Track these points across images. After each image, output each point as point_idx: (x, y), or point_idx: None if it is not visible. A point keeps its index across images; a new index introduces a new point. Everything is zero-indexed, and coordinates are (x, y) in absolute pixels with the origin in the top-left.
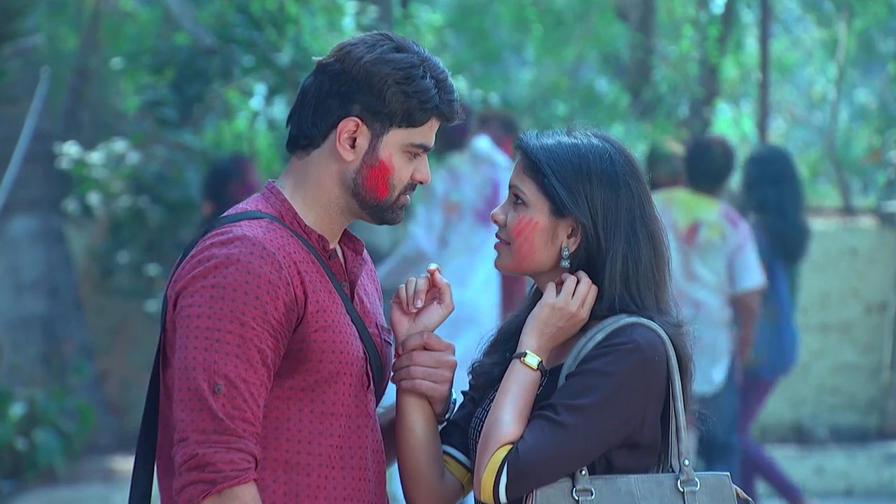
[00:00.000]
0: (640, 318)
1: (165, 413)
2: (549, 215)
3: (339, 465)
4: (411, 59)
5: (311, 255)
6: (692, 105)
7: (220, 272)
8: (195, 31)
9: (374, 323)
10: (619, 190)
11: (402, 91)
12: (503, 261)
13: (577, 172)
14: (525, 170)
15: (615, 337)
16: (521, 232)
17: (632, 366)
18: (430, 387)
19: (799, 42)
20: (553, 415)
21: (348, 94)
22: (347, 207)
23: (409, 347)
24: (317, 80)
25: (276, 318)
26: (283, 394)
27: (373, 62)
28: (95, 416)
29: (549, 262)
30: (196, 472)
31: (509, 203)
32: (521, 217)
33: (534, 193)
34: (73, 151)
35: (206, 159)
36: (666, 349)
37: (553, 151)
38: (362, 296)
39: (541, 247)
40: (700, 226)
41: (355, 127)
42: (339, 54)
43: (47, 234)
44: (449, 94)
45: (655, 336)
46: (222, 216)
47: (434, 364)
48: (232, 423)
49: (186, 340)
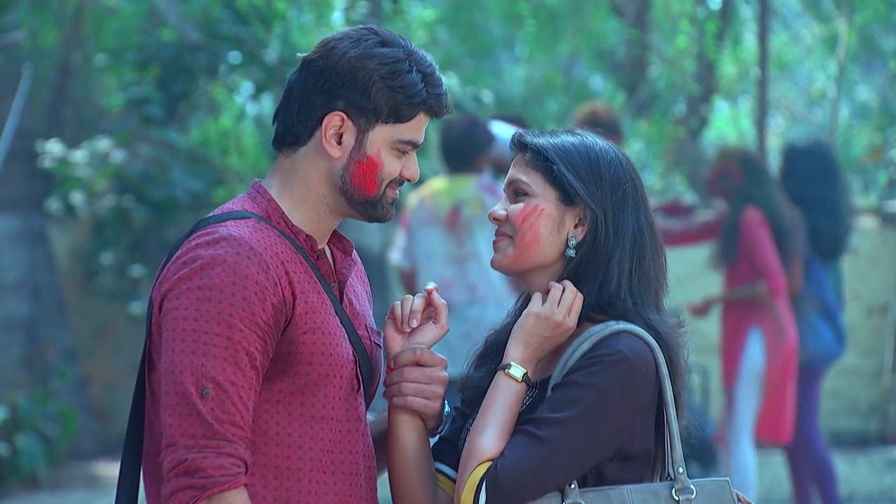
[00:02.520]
0: (628, 324)
1: (151, 418)
2: (556, 203)
3: (330, 469)
4: (397, 53)
5: (299, 255)
6: (689, 103)
7: (206, 273)
8: (180, 26)
9: (364, 325)
10: (626, 184)
11: (387, 86)
12: (502, 256)
13: (587, 162)
14: (530, 162)
15: (601, 347)
16: (526, 218)
17: (617, 377)
18: (422, 403)
19: (798, 38)
20: (534, 429)
21: (332, 90)
22: (336, 206)
23: (401, 362)
24: (301, 77)
25: (264, 319)
26: (272, 397)
27: (357, 57)
28: (79, 421)
29: (553, 254)
30: (185, 477)
31: (508, 200)
32: (525, 204)
33: (539, 184)
34: (55, 150)
35: (191, 158)
36: (655, 357)
37: (560, 144)
38: (351, 297)
39: (546, 235)
40: (461, 206)
41: (340, 122)
42: (323, 50)
43: (29, 234)
44: (437, 89)
45: (643, 344)
46: (207, 216)
47: (426, 380)
48: (221, 428)
49: (173, 343)
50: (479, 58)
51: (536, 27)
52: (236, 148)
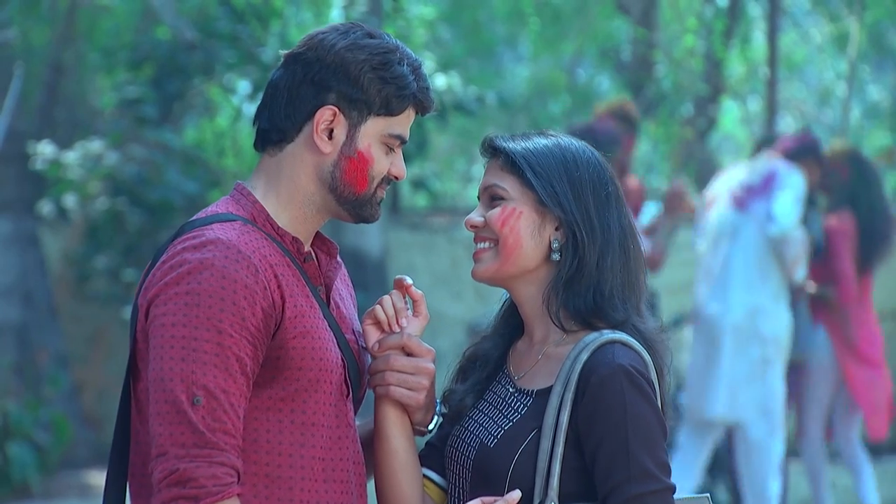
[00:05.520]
0: (617, 333)
1: (136, 428)
2: (534, 206)
3: (321, 477)
4: (386, 44)
5: (286, 258)
6: (697, 103)
7: (193, 278)
8: (175, 24)
9: (350, 329)
10: (607, 187)
11: (378, 77)
12: (486, 266)
13: (563, 165)
14: (504, 167)
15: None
16: (505, 221)
17: (636, 391)
18: (405, 394)
19: (808, 37)
20: (653, 485)
21: (323, 81)
22: (324, 205)
23: (387, 345)
24: (288, 72)
25: (254, 324)
26: (262, 404)
27: (347, 48)
28: (71, 429)
29: (537, 258)
30: (177, 487)
31: (483, 206)
32: (503, 208)
33: (516, 188)
34: (47, 151)
35: (186, 159)
36: (647, 368)
37: (534, 147)
38: (337, 300)
39: (528, 237)
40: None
41: (332, 116)
42: (310, 43)
43: (21, 237)
44: (425, 83)
45: (637, 357)
46: (191, 220)
47: (412, 370)
48: (213, 437)
49: (161, 351)
50: (481, 57)
51: (540, 25)
52: (233, 149)
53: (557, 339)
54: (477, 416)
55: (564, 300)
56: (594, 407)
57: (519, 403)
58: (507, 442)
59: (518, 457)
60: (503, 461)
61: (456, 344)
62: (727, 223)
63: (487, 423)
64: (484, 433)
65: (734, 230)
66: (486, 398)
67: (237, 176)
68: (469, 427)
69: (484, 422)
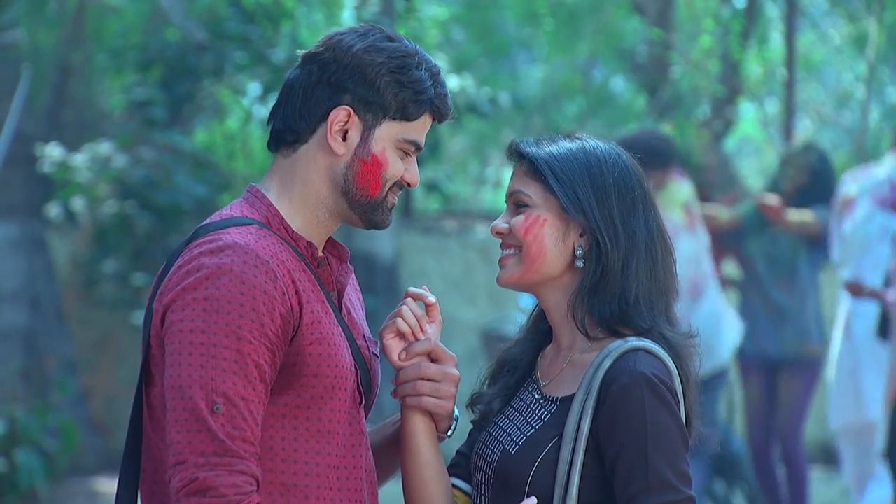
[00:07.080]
0: (641, 340)
1: (149, 434)
2: (558, 212)
3: (336, 486)
4: (405, 48)
5: (301, 262)
6: (714, 104)
7: (212, 283)
8: (185, 25)
9: (361, 335)
10: (634, 191)
11: (396, 81)
12: (510, 273)
13: (587, 170)
14: (528, 173)
15: (624, 375)
16: (529, 229)
17: (658, 400)
18: (436, 403)
19: (826, 37)
20: (673, 496)
21: (339, 83)
22: (336, 208)
23: (415, 352)
24: (304, 71)
25: (273, 330)
26: (278, 411)
27: (365, 50)
28: (79, 436)
29: (561, 265)
30: (197, 497)
31: (509, 212)
32: (527, 215)
33: (540, 194)
34: (55, 153)
35: (196, 162)
36: (670, 376)
37: (558, 152)
38: (349, 306)
39: (552, 245)
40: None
41: (347, 117)
42: (328, 43)
43: (28, 241)
44: (443, 89)
45: (661, 365)
46: (206, 223)
47: (440, 377)
48: (233, 444)
49: (180, 357)
50: (494, 58)
51: (555, 26)
52: (243, 152)
53: (583, 347)
54: (502, 422)
55: (589, 307)
56: (614, 415)
57: (543, 410)
58: (529, 449)
59: (538, 464)
60: (523, 468)
61: (469, 349)
62: (877, 225)
63: (512, 429)
64: (507, 439)
65: (883, 231)
66: (513, 404)
67: (247, 179)
68: (494, 433)
69: (508, 428)
